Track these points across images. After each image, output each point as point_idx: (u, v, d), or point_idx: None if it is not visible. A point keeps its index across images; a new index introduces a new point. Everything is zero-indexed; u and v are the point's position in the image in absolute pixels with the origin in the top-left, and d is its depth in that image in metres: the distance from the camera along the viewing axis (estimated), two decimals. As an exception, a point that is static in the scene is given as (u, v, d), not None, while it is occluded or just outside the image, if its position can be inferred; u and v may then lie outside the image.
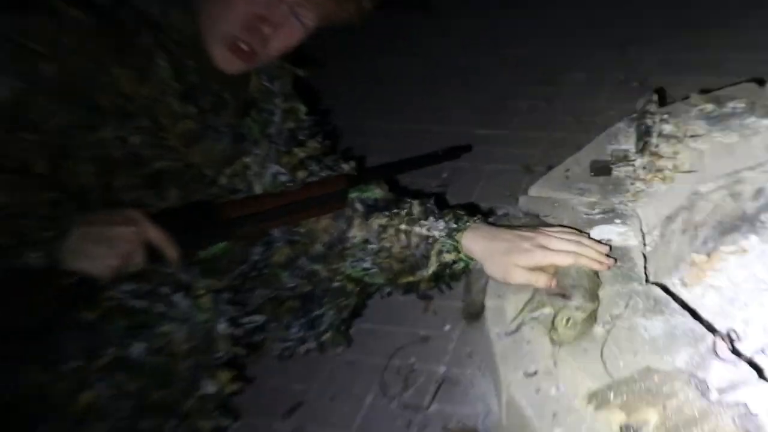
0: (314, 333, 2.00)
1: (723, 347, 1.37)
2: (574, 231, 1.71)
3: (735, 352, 1.39)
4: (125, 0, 1.59)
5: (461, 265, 1.77)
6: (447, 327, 2.25)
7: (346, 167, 1.97)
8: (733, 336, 1.47)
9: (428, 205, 1.88)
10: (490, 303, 1.63)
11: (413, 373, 2.08)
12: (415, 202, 1.89)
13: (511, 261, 1.62)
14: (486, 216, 1.89)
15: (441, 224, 1.78)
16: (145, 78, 1.61)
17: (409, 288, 1.89)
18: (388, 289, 1.92)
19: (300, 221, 1.86)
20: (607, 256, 1.64)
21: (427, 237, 1.78)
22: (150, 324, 1.48)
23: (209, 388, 1.56)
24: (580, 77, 3.34)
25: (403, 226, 1.83)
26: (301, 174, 1.90)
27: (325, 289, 1.97)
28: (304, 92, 1.98)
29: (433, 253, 1.78)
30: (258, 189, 1.86)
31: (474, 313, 1.69)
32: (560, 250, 1.62)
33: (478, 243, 1.70)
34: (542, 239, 1.64)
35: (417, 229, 1.82)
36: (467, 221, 1.77)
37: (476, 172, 2.89)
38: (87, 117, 1.55)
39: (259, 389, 2.08)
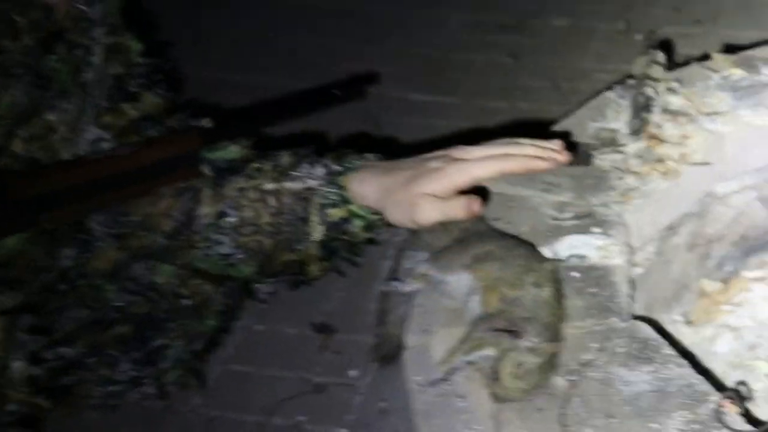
0: (153, 372, 1.97)
1: (733, 412, 1.40)
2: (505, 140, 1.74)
3: (750, 419, 1.41)
4: None
5: (358, 224, 1.78)
6: (352, 372, 2.27)
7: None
8: (747, 396, 1.49)
9: (302, 151, 1.89)
10: (411, 340, 1.64)
11: None
12: (285, 153, 1.90)
13: (415, 191, 1.64)
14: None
15: (319, 170, 1.79)
16: None
17: (293, 278, 1.90)
18: (268, 288, 1.91)
19: (135, 198, 1.81)
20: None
21: (302, 191, 1.78)
22: None
23: None
24: (561, 24, 3.38)
25: (269, 185, 1.83)
26: (132, 140, 1.89)
27: (169, 308, 1.94)
28: (139, 21, 1.94)
29: (313, 210, 1.78)
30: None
31: (389, 354, 1.70)
32: (481, 159, 1.66)
33: (371, 183, 1.74)
34: (457, 152, 1.67)
35: (288, 184, 1.82)
36: (354, 159, 1.78)
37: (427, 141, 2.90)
38: None
39: None
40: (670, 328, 1.64)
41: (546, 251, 1.69)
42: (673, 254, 1.92)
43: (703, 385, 1.46)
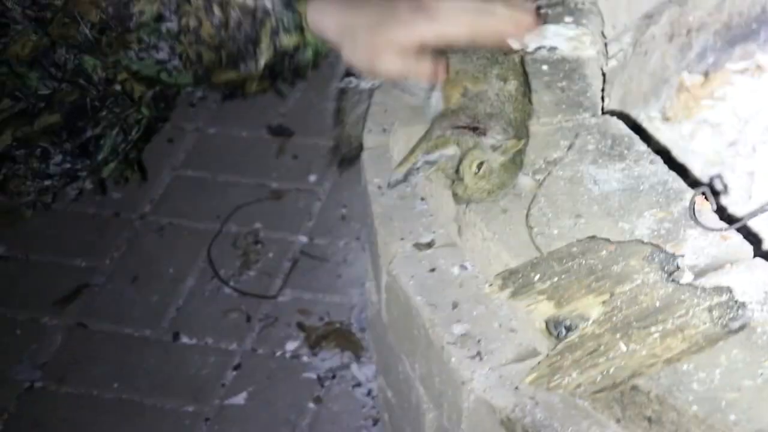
0: (88, 164, 1.94)
1: (707, 210, 1.38)
2: None
3: (723, 217, 1.39)
4: None
5: (308, 53, 1.72)
6: (311, 177, 2.28)
7: None
8: (723, 193, 1.45)
9: None
10: (369, 140, 1.62)
11: (258, 246, 2.08)
12: None
13: (380, 38, 1.56)
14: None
15: None
16: None
17: (231, 90, 1.83)
18: (199, 93, 1.87)
19: None
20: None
21: (254, 9, 1.69)
22: None
23: None
24: None
25: None
26: None
27: (100, 96, 1.88)
28: None
29: (264, 33, 1.69)
30: None
31: (348, 156, 1.66)
32: (453, 14, 1.56)
33: (332, 15, 1.64)
34: (427, 2, 1.57)
35: None
36: None
37: None
38: None
39: (19, 265, 2.11)
40: (645, 125, 1.62)
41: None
42: (650, 45, 1.87)
43: (677, 182, 1.44)
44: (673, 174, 1.43)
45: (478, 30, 1.52)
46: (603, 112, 1.60)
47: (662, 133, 1.73)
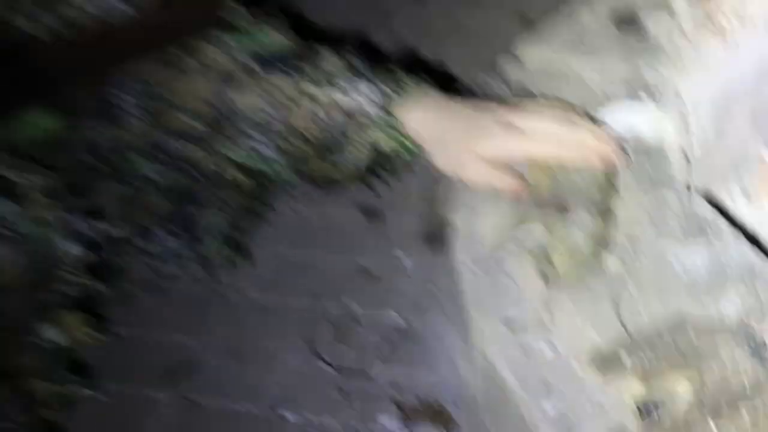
0: (195, 246, 1.96)
1: None
2: (566, 111, 1.66)
3: None
4: None
5: (405, 155, 1.74)
6: (400, 253, 2.28)
7: None
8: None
9: (349, 55, 1.85)
10: (458, 219, 1.62)
11: (353, 322, 2.09)
12: (331, 55, 1.85)
13: (468, 147, 1.60)
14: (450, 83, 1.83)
15: (367, 86, 1.73)
16: None
17: (328, 183, 1.87)
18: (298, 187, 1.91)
19: (163, 48, 1.78)
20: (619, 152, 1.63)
21: (348, 108, 1.73)
22: None
23: (49, 335, 1.54)
24: None
25: (313, 89, 1.79)
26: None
27: (206, 180, 1.92)
28: None
29: (361, 133, 1.73)
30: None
31: (438, 234, 1.68)
32: (541, 135, 1.60)
33: (425, 120, 1.68)
34: (515, 117, 1.61)
35: (335, 95, 1.78)
36: (409, 84, 1.73)
37: (449, 21, 2.88)
38: None
39: (130, 342, 2.12)
40: (728, 204, 1.59)
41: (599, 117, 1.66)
42: (730, 126, 1.87)
43: (762, 262, 1.43)
44: (761, 254, 1.44)
45: (564, 156, 1.55)
46: (687, 190, 1.61)
47: (742, 211, 1.73)
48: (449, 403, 1.91)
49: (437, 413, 1.93)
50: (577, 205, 1.48)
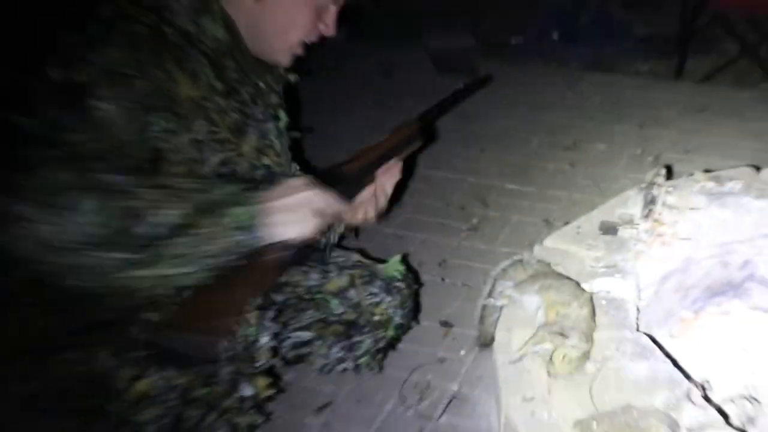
0: (352, 356, 1.99)
1: (697, 394, 1.38)
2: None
3: (707, 399, 1.40)
4: (164, 16, 1.53)
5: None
6: (462, 352, 2.26)
7: None
8: (707, 385, 1.47)
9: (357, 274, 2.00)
10: (499, 335, 1.64)
11: (429, 388, 2.10)
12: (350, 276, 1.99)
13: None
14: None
15: (378, 286, 2.00)
16: (196, 81, 1.55)
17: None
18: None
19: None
20: None
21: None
22: None
23: (247, 391, 1.56)
24: (602, 148, 3.35)
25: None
26: None
27: (367, 320, 1.96)
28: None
29: (391, 317, 2.01)
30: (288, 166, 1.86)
31: (486, 342, 1.69)
32: None
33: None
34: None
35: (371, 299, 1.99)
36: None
37: (503, 221, 2.90)
38: (175, 122, 1.53)
39: (294, 387, 2.11)
40: (660, 340, 1.61)
41: (586, 286, 1.67)
42: (664, 294, 1.88)
43: (678, 375, 1.45)
44: (677, 371, 1.45)
45: None
46: (637, 330, 1.62)
47: (668, 345, 1.73)
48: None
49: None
50: (572, 332, 1.50)
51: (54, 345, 1.48)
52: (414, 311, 2.13)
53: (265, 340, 1.64)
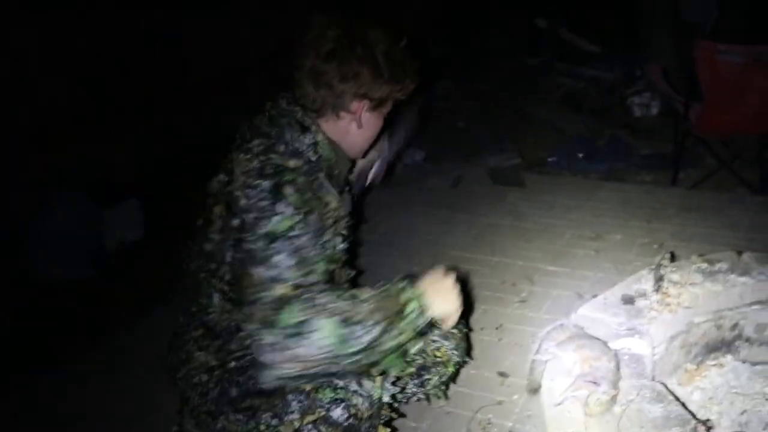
0: (423, 390, 1.96)
1: (702, 430, 1.36)
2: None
3: None
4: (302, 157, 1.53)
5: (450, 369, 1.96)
6: (515, 396, 2.22)
7: None
8: (710, 424, 1.42)
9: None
10: (545, 383, 1.60)
11: (490, 425, 2.07)
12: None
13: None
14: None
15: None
16: (329, 198, 1.56)
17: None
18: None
19: None
20: None
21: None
22: (346, 398, 1.45)
23: (368, 387, 1.51)
24: (618, 238, 3.30)
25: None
26: None
27: (432, 361, 1.92)
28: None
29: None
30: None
31: (535, 389, 1.65)
32: None
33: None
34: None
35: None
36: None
37: (545, 294, 2.86)
38: (331, 233, 1.57)
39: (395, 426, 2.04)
40: (671, 387, 1.57)
41: (611, 344, 1.64)
42: (672, 350, 1.84)
43: (687, 415, 1.41)
44: (686, 411, 1.41)
45: None
46: (652, 380, 1.58)
47: (677, 391, 1.68)
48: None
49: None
50: (602, 381, 1.46)
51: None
52: (467, 350, 2.07)
53: (386, 398, 1.59)
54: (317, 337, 1.30)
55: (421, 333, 1.54)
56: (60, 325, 2.86)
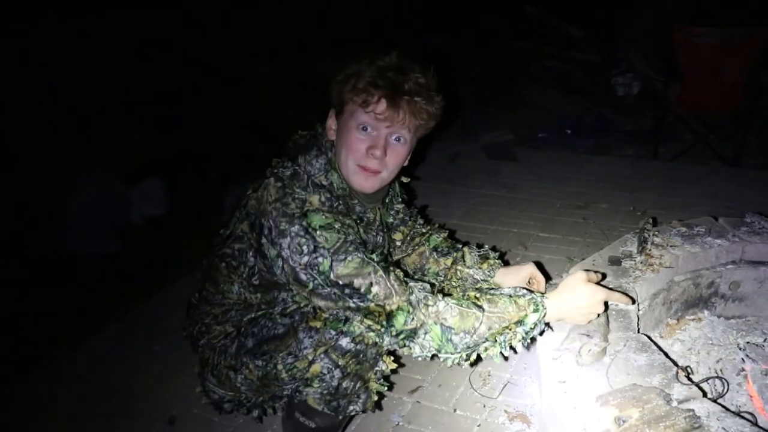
0: None
1: (682, 376, 1.36)
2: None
3: (689, 379, 1.37)
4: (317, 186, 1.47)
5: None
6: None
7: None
8: (689, 370, 1.43)
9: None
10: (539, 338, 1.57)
11: (489, 376, 2.07)
12: (466, 249, 1.85)
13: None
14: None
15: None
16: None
17: None
18: None
19: None
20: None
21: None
22: (351, 331, 1.44)
23: (382, 366, 1.53)
24: (605, 206, 3.30)
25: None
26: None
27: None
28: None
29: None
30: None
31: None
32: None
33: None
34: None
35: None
36: None
37: (538, 259, 2.81)
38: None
39: (393, 377, 2.05)
40: (654, 339, 1.58)
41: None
42: (655, 306, 1.85)
43: (669, 363, 1.42)
44: (668, 360, 1.42)
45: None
46: (637, 332, 1.59)
47: (660, 342, 1.69)
48: (530, 414, 1.85)
49: (524, 416, 1.86)
50: (594, 334, 1.48)
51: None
52: None
53: (382, 365, 1.56)
54: (425, 340, 1.39)
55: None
56: (88, 297, 2.83)
